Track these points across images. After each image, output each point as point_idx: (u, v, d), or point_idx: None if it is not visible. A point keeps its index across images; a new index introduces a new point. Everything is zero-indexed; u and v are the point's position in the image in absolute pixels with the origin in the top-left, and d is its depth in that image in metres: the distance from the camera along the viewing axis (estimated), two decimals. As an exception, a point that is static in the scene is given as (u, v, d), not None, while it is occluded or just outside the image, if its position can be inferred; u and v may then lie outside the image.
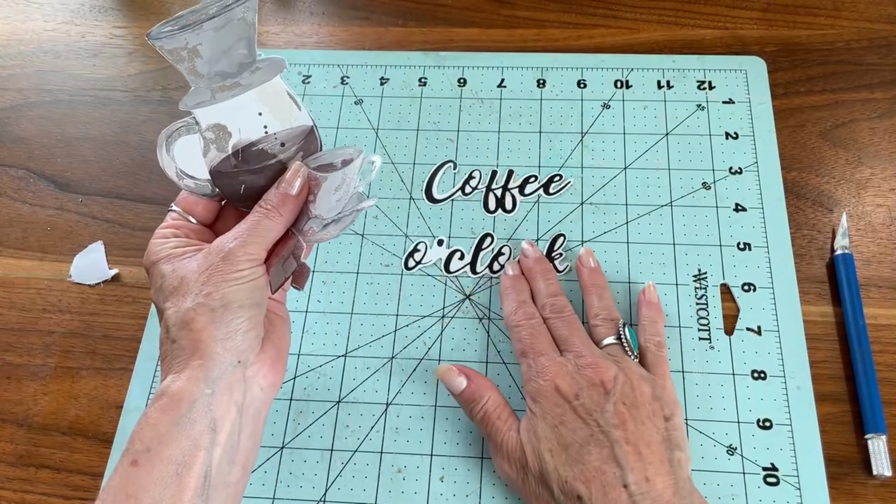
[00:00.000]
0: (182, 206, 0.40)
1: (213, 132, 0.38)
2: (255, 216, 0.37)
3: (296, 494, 0.46)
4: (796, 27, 0.62)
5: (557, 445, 0.39)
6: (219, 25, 0.35)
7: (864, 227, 0.53)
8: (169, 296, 0.36)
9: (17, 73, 0.65)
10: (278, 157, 0.39)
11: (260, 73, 0.38)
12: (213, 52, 0.36)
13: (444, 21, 0.65)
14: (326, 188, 0.39)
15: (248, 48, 0.37)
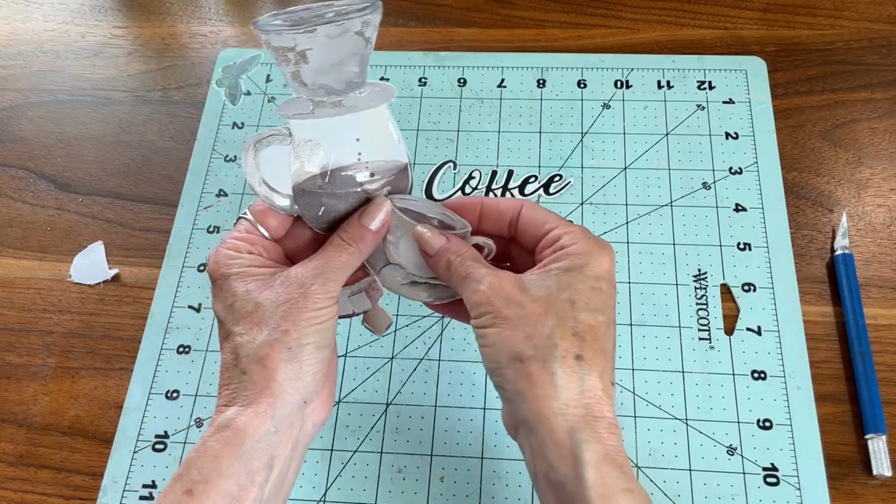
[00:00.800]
0: (257, 217, 0.37)
1: (305, 147, 0.36)
2: (333, 250, 0.36)
3: (296, 494, 0.46)
4: (796, 27, 0.62)
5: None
6: (333, 34, 0.32)
7: (865, 227, 0.53)
8: (240, 319, 0.34)
9: (17, 73, 0.65)
10: (365, 187, 0.37)
11: (367, 97, 0.35)
12: (322, 62, 0.33)
13: (444, 21, 0.65)
14: (411, 240, 0.37)
15: (359, 67, 0.34)
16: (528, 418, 0.32)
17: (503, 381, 0.33)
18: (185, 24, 0.67)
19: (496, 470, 0.46)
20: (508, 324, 0.33)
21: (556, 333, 0.32)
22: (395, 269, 0.38)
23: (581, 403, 0.31)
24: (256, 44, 0.65)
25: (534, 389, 0.32)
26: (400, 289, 0.39)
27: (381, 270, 0.39)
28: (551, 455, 0.31)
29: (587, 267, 0.34)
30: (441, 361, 0.50)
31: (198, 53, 0.65)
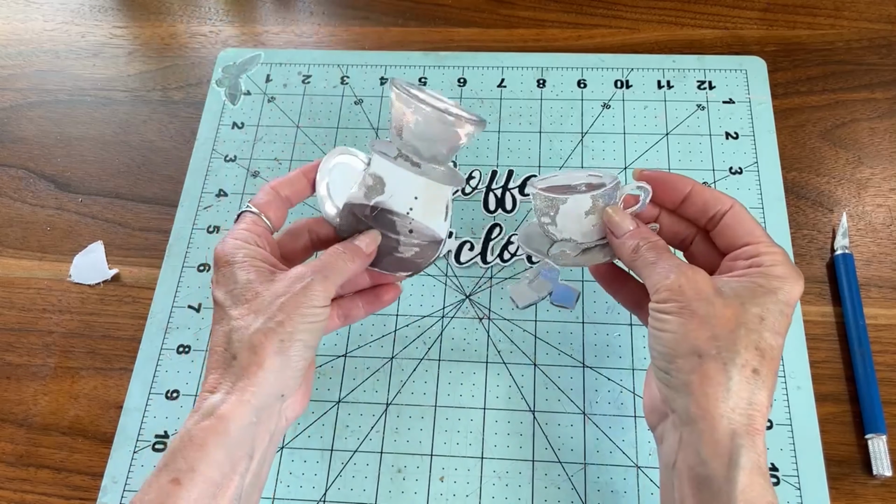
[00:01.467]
0: (260, 208, 0.39)
1: (373, 179, 0.40)
2: (333, 254, 0.38)
3: (296, 494, 0.46)
4: (796, 27, 0.62)
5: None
6: (437, 119, 0.38)
7: (865, 227, 0.53)
8: (239, 305, 0.36)
9: (17, 73, 0.65)
10: (399, 237, 0.40)
11: (440, 174, 0.40)
12: (423, 132, 0.38)
13: (444, 21, 0.65)
14: (567, 211, 0.39)
15: (448, 152, 0.39)
16: (690, 411, 0.32)
17: (673, 369, 0.33)
18: (185, 23, 0.67)
19: (496, 470, 0.46)
20: (696, 318, 0.33)
21: (742, 342, 0.32)
22: (563, 245, 0.40)
23: (746, 413, 0.32)
24: (256, 44, 0.65)
25: (705, 387, 0.32)
26: (575, 260, 0.40)
27: (550, 252, 0.41)
28: (706, 450, 0.32)
29: (781, 291, 0.34)
30: (441, 361, 0.50)
31: (198, 53, 0.65)
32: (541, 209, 0.40)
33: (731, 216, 0.37)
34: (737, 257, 0.36)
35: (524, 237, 0.43)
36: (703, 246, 0.39)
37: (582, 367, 0.49)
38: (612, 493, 0.45)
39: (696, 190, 0.38)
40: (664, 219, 0.40)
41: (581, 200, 0.39)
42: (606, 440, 0.46)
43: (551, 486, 0.45)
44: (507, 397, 0.48)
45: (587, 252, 0.40)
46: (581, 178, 0.40)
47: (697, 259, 0.40)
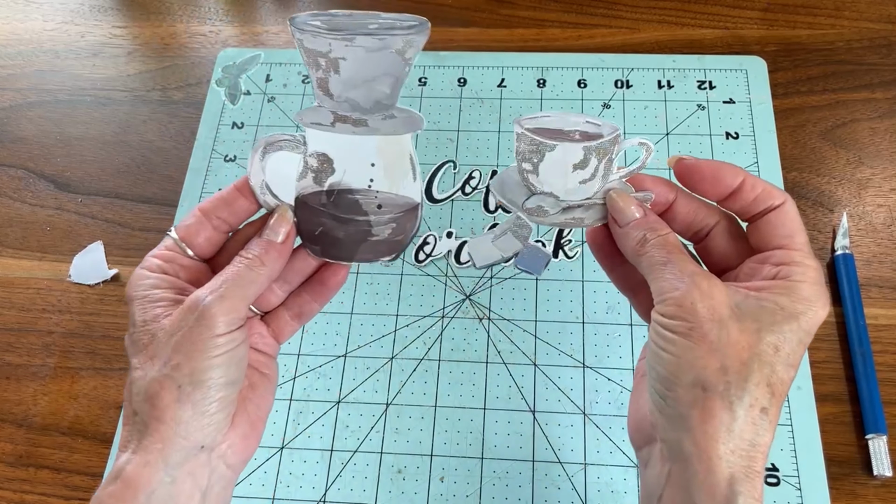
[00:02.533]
0: (181, 234, 0.34)
1: (317, 160, 0.34)
2: (235, 266, 0.32)
3: (295, 495, 0.46)
4: (797, 27, 0.62)
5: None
6: (372, 47, 0.31)
7: (865, 227, 0.53)
8: (137, 352, 0.31)
9: (17, 73, 0.65)
10: (369, 217, 0.34)
11: (392, 123, 0.33)
12: (353, 75, 0.31)
13: (444, 20, 0.65)
14: (554, 160, 0.33)
15: (392, 88, 0.32)
16: (685, 447, 0.29)
17: (672, 398, 0.29)
18: (184, 23, 0.67)
19: (496, 470, 0.46)
20: (705, 343, 0.29)
21: (754, 378, 0.28)
22: (542, 199, 0.35)
23: (748, 455, 0.29)
24: (256, 44, 0.65)
25: (706, 425, 0.28)
26: (553, 219, 0.35)
27: (525, 204, 0.35)
28: (699, 495, 0.28)
29: (804, 317, 0.29)
30: (441, 362, 0.50)
31: (197, 53, 0.65)
32: (523, 153, 0.34)
33: (778, 214, 0.32)
34: (764, 260, 0.31)
35: (498, 183, 0.37)
36: (723, 240, 0.34)
37: (582, 368, 0.49)
38: (612, 493, 0.45)
39: (747, 182, 0.32)
40: (680, 203, 0.34)
41: (571, 150, 0.33)
42: (607, 440, 0.46)
43: (551, 486, 0.45)
44: (507, 397, 0.48)
45: (569, 211, 0.35)
46: (577, 123, 0.35)
47: (712, 254, 0.34)
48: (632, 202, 0.33)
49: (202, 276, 0.34)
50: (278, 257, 0.33)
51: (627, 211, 0.33)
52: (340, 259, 0.35)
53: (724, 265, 0.33)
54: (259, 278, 0.32)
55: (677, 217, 0.34)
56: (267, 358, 0.37)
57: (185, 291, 0.32)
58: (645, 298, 0.35)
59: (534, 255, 0.39)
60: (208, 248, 0.34)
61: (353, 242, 0.34)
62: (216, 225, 0.34)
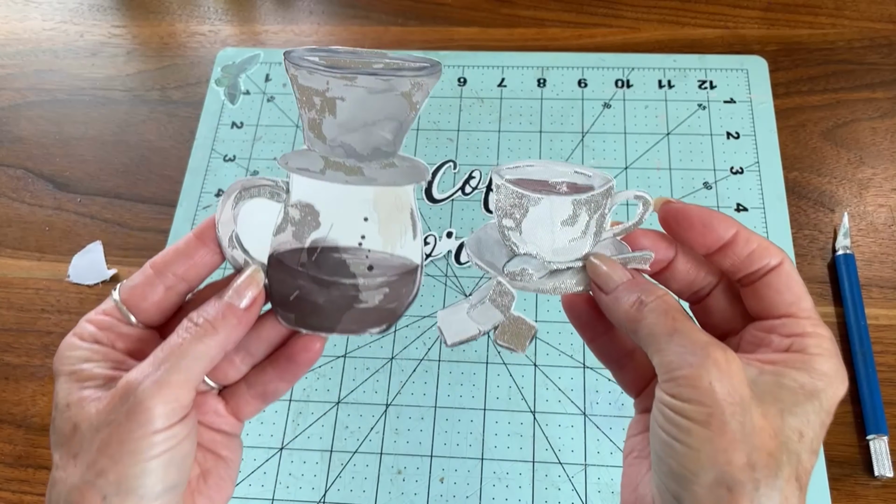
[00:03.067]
0: (125, 297, 0.28)
1: (300, 212, 0.29)
2: (179, 336, 0.27)
3: (295, 495, 0.46)
4: (798, 26, 0.62)
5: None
6: (375, 88, 0.27)
7: (866, 227, 0.53)
8: (58, 444, 0.26)
9: (16, 73, 0.65)
10: (356, 280, 0.29)
11: (392, 173, 0.29)
12: (352, 117, 0.28)
13: (444, 20, 0.65)
14: (539, 216, 0.29)
15: (394, 134, 0.29)
16: None
17: (688, 498, 0.25)
18: (184, 23, 0.67)
19: (496, 471, 0.46)
20: (727, 433, 0.24)
21: (784, 472, 0.24)
22: (525, 261, 0.30)
23: None
24: (256, 43, 0.65)
25: None
26: (539, 284, 0.30)
27: (507, 267, 0.30)
28: None
29: (825, 395, 0.26)
30: (441, 362, 0.50)
31: (197, 53, 0.65)
32: (504, 207, 0.31)
33: (777, 275, 0.28)
34: (772, 329, 0.28)
35: (475, 242, 0.32)
36: (724, 301, 0.30)
37: (582, 368, 0.49)
38: (612, 493, 0.45)
39: (741, 236, 0.28)
40: (680, 261, 0.30)
41: (559, 204, 0.29)
42: (607, 441, 0.46)
43: (552, 487, 0.45)
44: (508, 398, 0.48)
45: (556, 275, 0.30)
46: (564, 174, 0.31)
47: (712, 316, 0.30)
48: (616, 265, 0.29)
49: (147, 346, 0.28)
50: (237, 325, 0.28)
51: (613, 274, 0.29)
52: (319, 329, 0.30)
53: (724, 329, 0.30)
54: (210, 351, 0.27)
55: (676, 276, 0.30)
56: (226, 437, 0.31)
57: (122, 365, 0.27)
58: (632, 371, 0.32)
59: (516, 327, 0.32)
60: (157, 314, 0.29)
61: (335, 310, 0.29)
62: (170, 284, 0.29)
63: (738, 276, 0.29)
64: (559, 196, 0.30)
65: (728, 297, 0.30)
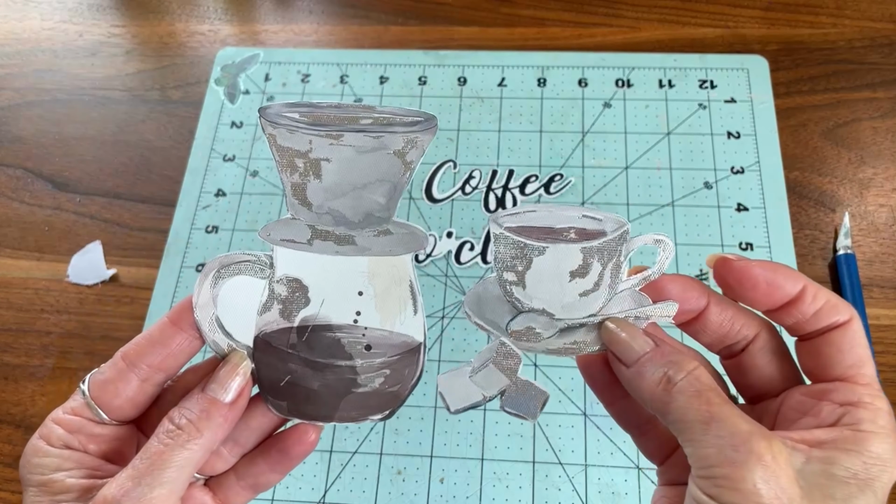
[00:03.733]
0: (95, 392, 0.26)
1: (287, 288, 0.26)
2: (160, 441, 0.24)
3: (295, 496, 0.46)
4: (798, 26, 0.62)
5: None
6: (365, 147, 0.24)
7: (867, 227, 0.53)
8: None
9: (15, 73, 0.65)
10: (354, 362, 0.26)
11: (387, 241, 0.26)
12: (339, 180, 0.25)
13: (444, 19, 0.65)
14: (544, 268, 0.26)
15: (388, 198, 0.26)
16: None
17: None
18: (183, 22, 0.67)
19: (496, 471, 0.46)
20: None
21: None
22: (531, 319, 0.27)
23: None
24: (255, 42, 0.65)
25: None
26: (546, 344, 0.27)
27: (511, 326, 0.27)
28: None
29: (879, 482, 0.23)
30: (441, 362, 0.49)
31: (196, 52, 0.65)
32: (504, 259, 0.27)
33: (843, 333, 0.25)
34: (823, 395, 0.24)
35: (474, 300, 0.29)
36: (763, 358, 0.27)
37: (583, 368, 0.49)
38: (612, 494, 0.45)
39: (808, 292, 0.25)
40: (713, 312, 0.27)
41: (566, 253, 0.26)
42: (607, 441, 0.46)
43: (552, 487, 0.45)
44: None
45: (568, 333, 0.27)
46: (571, 218, 0.28)
47: (747, 376, 0.27)
48: (636, 331, 0.25)
49: (124, 446, 0.26)
50: (223, 423, 0.25)
51: (634, 343, 0.25)
52: (315, 418, 0.27)
53: (760, 390, 0.27)
54: (194, 456, 0.24)
55: (708, 328, 0.27)
56: None
57: (98, 472, 0.25)
58: (655, 439, 0.29)
59: (525, 393, 0.28)
60: (132, 409, 0.26)
61: (332, 396, 0.26)
62: (145, 376, 0.26)
63: (800, 333, 0.26)
64: (566, 244, 0.26)
65: (768, 353, 0.27)
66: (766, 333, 0.27)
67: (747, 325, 0.27)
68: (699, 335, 0.27)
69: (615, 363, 0.26)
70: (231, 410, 0.26)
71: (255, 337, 0.27)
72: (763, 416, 0.26)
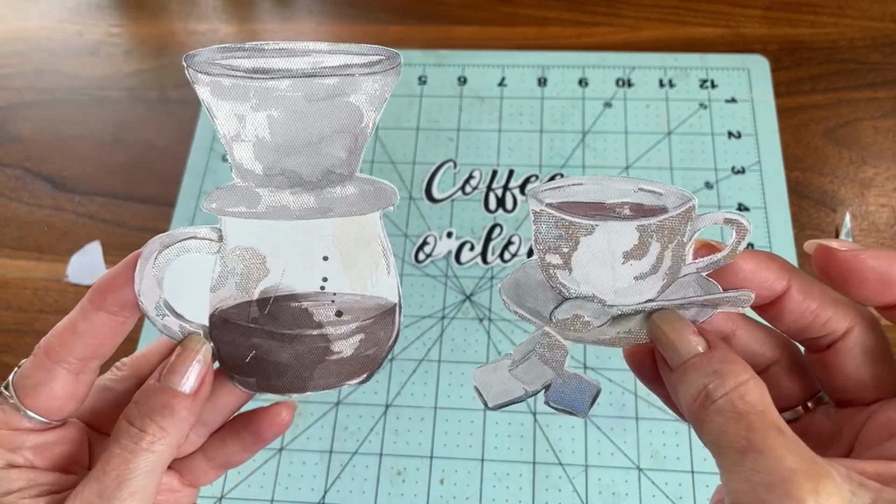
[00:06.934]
0: (25, 398, 0.23)
1: (241, 260, 0.24)
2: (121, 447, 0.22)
3: (295, 496, 0.46)
4: (799, 25, 0.62)
5: None
6: (317, 94, 0.21)
7: (868, 227, 0.53)
8: None
9: (14, 72, 0.65)
10: (325, 330, 0.24)
11: (352, 199, 0.23)
12: (291, 136, 0.22)
13: (444, 19, 0.65)
14: (594, 248, 0.23)
15: (349, 151, 0.23)
16: None
17: None
18: (182, 22, 0.67)
19: (496, 472, 0.46)
20: None
21: None
22: (579, 305, 0.24)
23: None
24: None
25: None
26: (597, 334, 0.24)
27: (555, 314, 0.25)
28: None
29: None
30: (441, 363, 0.49)
31: (196, 52, 0.65)
32: (546, 240, 0.24)
33: None
34: None
35: (512, 286, 0.26)
36: (856, 358, 0.22)
37: (583, 368, 0.48)
38: (613, 495, 0.45)
39: None
40: (794, 295, 0.23)
41: (620, 232, 0.23)
42: (608, 442, 0.46)
43: (552, 488, 0.45)
44: (508, 399, 0.48)
45: (621, 322, 0.24)
46: (625, 192, 0.24)
47: (836, 376, 0.23)
48: (685, 329, 0.22)
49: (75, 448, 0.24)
50: (188, 416, 0.23)
51: (679, 344, 0.22)
52: (288, 390, 0.25)
53: (849, 395, 0.23)
54: (161, 458, 0.22)
55: (784, 318, 0.23)
56: None
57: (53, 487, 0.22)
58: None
59: (574, 386, 0.26)
60: (73, 404, 0.24)
61: (304, 366, 0.24)
62: (77, 369, 0.24)
63: None
64: (619, 221, 0.23)
65: (861, 354, 0.22)
66: (861, 330, 0.23)
67: (837, 317, 0.23)
68: (775, 322, 0.24)
69: (661, 363, 0.23)
70: (195, 401, 0.23)
71: (211, 315, 0.25)
72: (846, 426, 0.22)
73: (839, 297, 0.23)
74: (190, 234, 0.24)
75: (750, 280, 0.23)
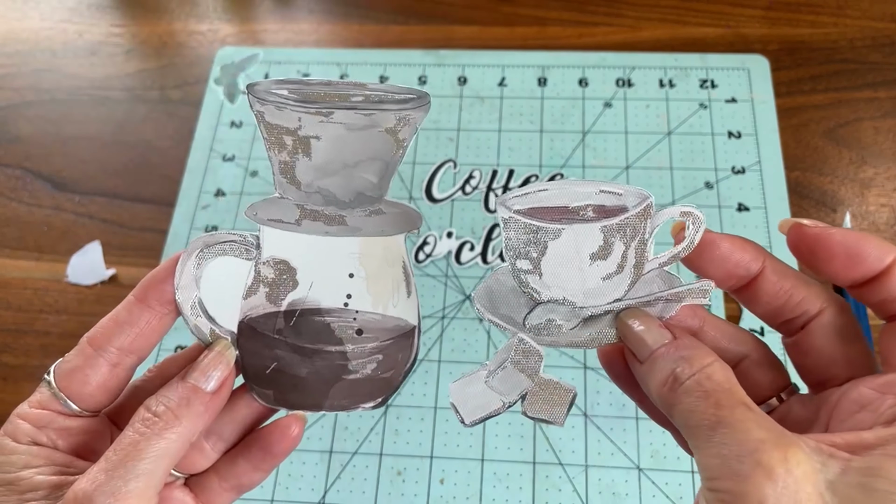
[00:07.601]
0: (63, 384, 0.24)
1: (274, 270, 0.25)
2: (135, 431, 0.23)
3: (294, 496, 0.46)
4: (799, 25, 0.62)
5: None
6: (355, 124, 0.23)
7: (868, 227, 0.53)
8: None
9: (14, 73, 0.65)
10: (344, 347, 0.25)
11: (379, 221, 0.25)
12: (330, 159, 0.24)
13: (445, 19, 0.65)
14: (561, 252, 0.24)
15: (379, 176, 0.25)
16: None
17: None
18: (183, 22, 0.67)
19: (496, 472, 0.46)
20: None
21: None
22: (551, 310, 0.25)
23: None
24: (255, 42, 0.65)
25: None
26: (570, 337, 0.25)
27: (528, 320, 0.25)
28: None
29: None
30: (441, 363, 0.49)
31: (196, 52, 0.65)
32: (516, 246, 0.25)
33: None
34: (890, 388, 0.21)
35: (485, 294, 0.27)
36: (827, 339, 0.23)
37: (583, 368, 0.48)
38: (613, 495, 0.45)
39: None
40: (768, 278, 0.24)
41: (585, 234, 0.24)
42: (608, 442, 0.46)
43: (552, 488, 0.45)
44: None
45: (592, 323, 0.25)
46: (586, 195, 0.25)
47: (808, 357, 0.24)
48: (652, 322, 0.23)
49: (96, 440, 0.24)
50: (204, 412, 0.24)
51: (647, 336, 0.22)
52: (303, 407, 0.26)
53: (823, 376, 0.24)
54: (172, 447, 0.23)
55: (759, 299, 0.24)
56: None
57: (69, 468, 0.23)
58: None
59: (548, 394, 0.26)
60: (104, 397, 0.25)
61: (321, 383, 0.25)
62: (115, 360, 0.25)
63: (889, 314, 0.23)
64: (584, 223, 0.24)
65: (832, 333, 0.23)
66: (832, 311, 0.23)
67: (810, 298, 0.23)
68: (751, 304, 0.24)
69: (630, 359, 0.24)
70: (213, 399, 0.24)
71: (240, 322, 0.26)
72: (822, 409, 0.23)
73: (811, 280, 0.24)
74: (232, 237, 0.26)
75: (727, 258, 0.23)
